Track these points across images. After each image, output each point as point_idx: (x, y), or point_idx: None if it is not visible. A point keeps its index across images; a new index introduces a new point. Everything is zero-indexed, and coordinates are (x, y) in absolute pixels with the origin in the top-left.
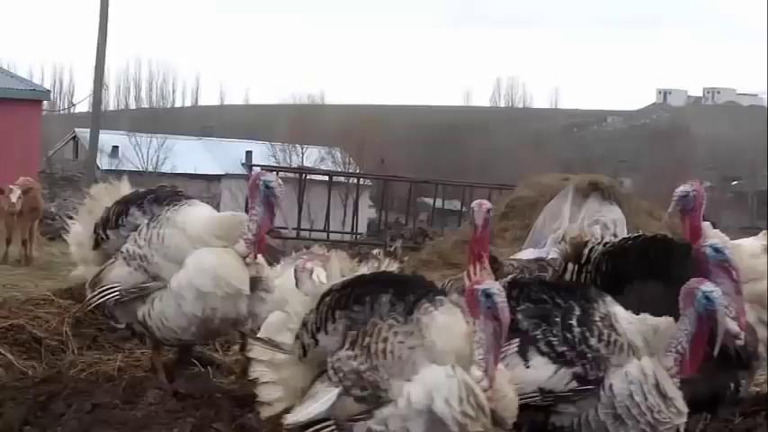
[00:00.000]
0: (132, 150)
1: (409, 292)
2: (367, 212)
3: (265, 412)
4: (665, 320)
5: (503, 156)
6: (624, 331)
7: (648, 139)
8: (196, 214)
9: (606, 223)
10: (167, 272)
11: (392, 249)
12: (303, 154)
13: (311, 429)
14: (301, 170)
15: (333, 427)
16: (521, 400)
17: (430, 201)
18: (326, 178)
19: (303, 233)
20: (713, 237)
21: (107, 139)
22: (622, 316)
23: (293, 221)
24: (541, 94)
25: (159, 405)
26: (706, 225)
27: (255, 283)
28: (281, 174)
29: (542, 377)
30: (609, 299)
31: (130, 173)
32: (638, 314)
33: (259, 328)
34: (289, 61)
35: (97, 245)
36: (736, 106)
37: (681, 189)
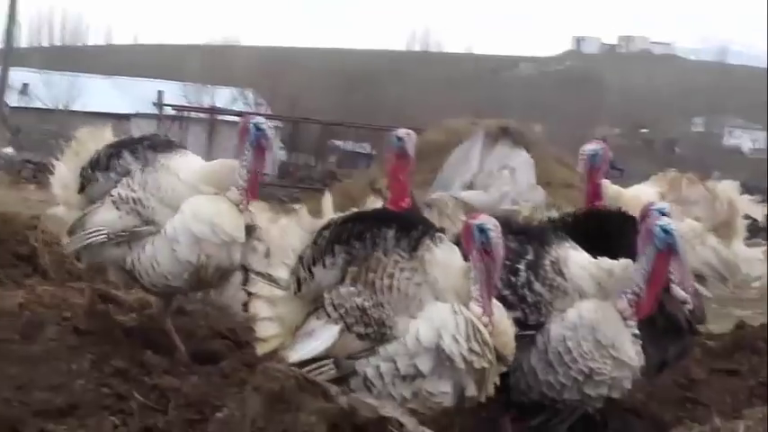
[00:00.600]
0: (43, 88)
1: (412, 228)
2: (278, 154)
3: (261, 349)
4: (622, 262)
5: (415, 100)
6: (572, 275)
7: (561, 86)
8: (189, 162)
9: (515, 168)
10: (162, 216)
11: (377, 187)
12: (215, 95)
13: (308, 368)
14: (212, 111)
15: (330, 365)
16: None
17: (340, 143)
18: (238, 119)
19: None
20: (613, 195)
21: (18, 76)
22: (575, 260)
23: None
24: (455, 39)
25: (59, 341)
26: (605, 183)
27: (249, 231)
28: (192, 114)
29: None
30: (568, 243)
31: (40, 110)
32: None
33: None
34: (204, 2)
35: (82, 188)
36: (649, 55)
37: (589, 148)
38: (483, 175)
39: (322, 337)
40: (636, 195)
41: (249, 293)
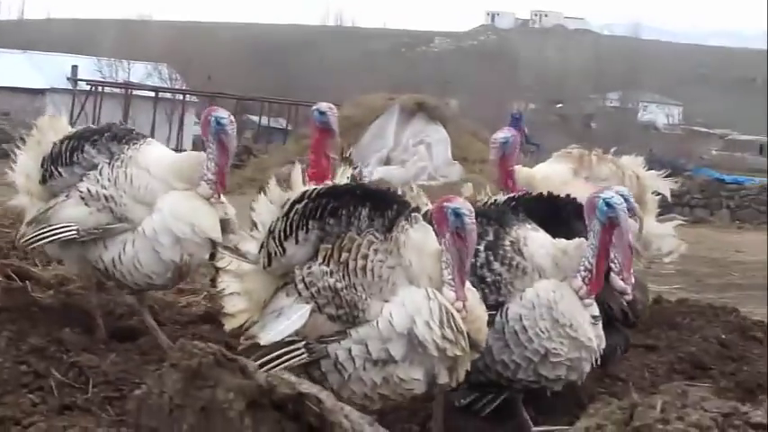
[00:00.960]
0: None
1: (387, 208)
2: (192, 129)
3: (229, 324)
4: (576, 241)
5: (331, 75)
6: (532, 254)
7: (476, 61)
8: (158, 154)
9: (430, 143)
10: (137, 214)
11: (349, 155)
12: (129, 70)
13: (278, 352)
14: (127, 86)
15: (302, 348)
16: None
17: (255, 118)
18: (152, 94)
19: None
20: (525, 178)
21: None
22: (534, 239)
23: None
24: (370, 15)
25: None
26: (517, 168)
27: (224, 225)
28: (107, 89)
29: None
30: (528, 224)
31: None
32: None
33: None
34: None
35: (44, 180)
36: (563, 30)
37: (500, 136)
38: (399, 151)
39: (292, 317)
40: (546, 176)
41: (217, 269)
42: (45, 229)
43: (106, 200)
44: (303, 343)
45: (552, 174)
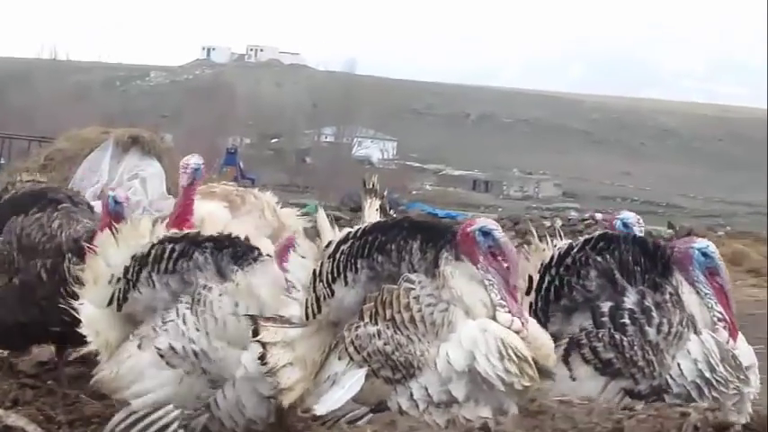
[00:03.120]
0: None
1: (435, 240)
2: None
3: (287, 399)
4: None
5: (45, 108)
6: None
7: (191, 95)
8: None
9: (145, 177)
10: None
11: (372, 186)
12: None
13: (344, 419)
14: None
15: (364, 410)
16: None
17: None
18: None
19: None
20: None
21: None
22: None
23: None
24: (85, 47)
25: None
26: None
27: None
28: None
29: None
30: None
31: None
32: None
33: None
34: None
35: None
36: (279, 64)
37: (193, 162)
38: (114, 185)
39: (347, 383)
40: (211, 211)
41: (263, 344)
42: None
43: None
44: (365, 409)
45: (212, 209)
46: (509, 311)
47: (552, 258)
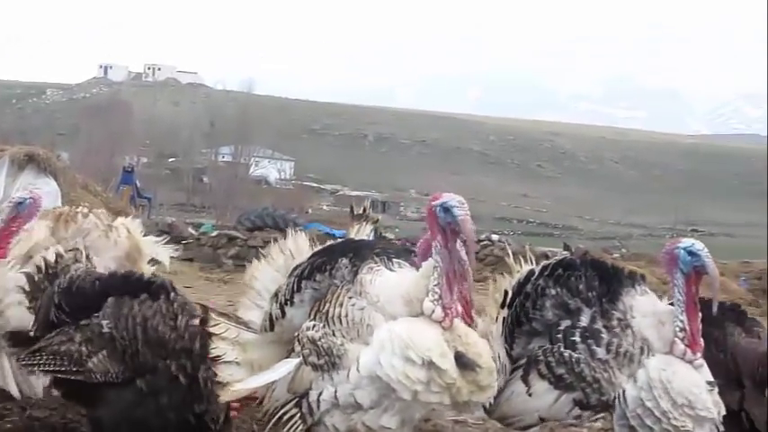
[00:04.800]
0: None
1: (366, 255)
2: None
3: (226, 395)
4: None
5: None
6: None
7: (88, 114)
8: None
9: (41, 196)
10: None
11: (363, 211)
12: None
13: (277, 416)
14: None
15: (297, 411)
16: None
17: None
18: None
19: None
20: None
21: None
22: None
23: None
24: None
25: None
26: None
27: None
28: None
29: None
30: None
31: None
32: None
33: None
34: None
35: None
36: (176, 83)
37: (18, 195)
38: (8, 203)
39: (279, 369)
40: (29, 236)
41: (209, 334)
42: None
43: None
44: (295, 400)
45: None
46: (437, 299)
47: (515, 286)
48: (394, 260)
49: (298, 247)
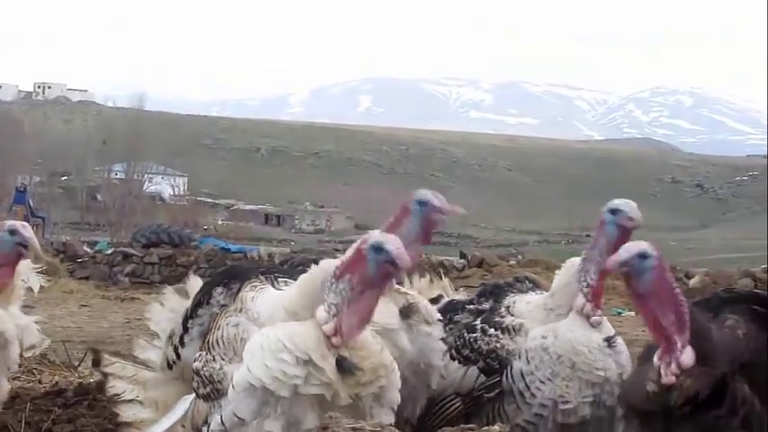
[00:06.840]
0: None
1: (248, 276)
2: None
3: None
4: (562, 279)
5: None
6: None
7: None
8: None
9: None
10: None
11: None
12: None
13: None
14: None
15: None
16: None
17: None
18: None
19: None
20: None
21: None
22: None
23: None
24: None
25: None
26: None
27: None
28: None
29: None
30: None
31: None
32: None
33: None
34: None
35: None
36: (67, 101)
37: None
38: None
39: (177, 410)
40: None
41: (105, 374)
42: None
43: None
44: None
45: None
46: (334, 314)
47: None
48: (281, 279)
49: (192, 288)
